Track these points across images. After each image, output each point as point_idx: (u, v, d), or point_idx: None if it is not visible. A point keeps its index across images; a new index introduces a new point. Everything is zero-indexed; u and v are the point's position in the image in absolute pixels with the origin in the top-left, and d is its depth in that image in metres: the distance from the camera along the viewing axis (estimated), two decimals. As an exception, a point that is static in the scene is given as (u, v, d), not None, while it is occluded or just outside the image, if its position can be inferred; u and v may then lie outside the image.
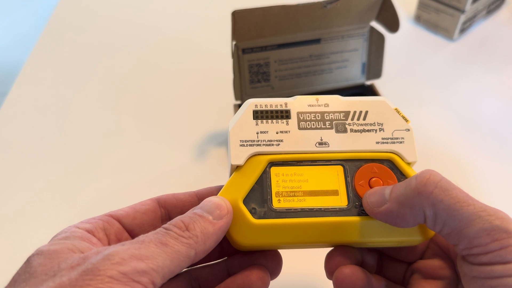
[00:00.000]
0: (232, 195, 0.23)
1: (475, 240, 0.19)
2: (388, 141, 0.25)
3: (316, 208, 0.24)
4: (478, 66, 0.55)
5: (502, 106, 0.50)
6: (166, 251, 0.19)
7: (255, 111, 0.25)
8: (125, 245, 0.19)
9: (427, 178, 0.20)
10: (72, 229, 0.21)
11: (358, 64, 0.46)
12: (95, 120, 0.49)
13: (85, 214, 0.40)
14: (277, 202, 0.24)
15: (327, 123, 0.25)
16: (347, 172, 0.25)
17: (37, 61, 0.57)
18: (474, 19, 0.59)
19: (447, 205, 0.20)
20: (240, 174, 0.24)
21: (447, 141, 0.46)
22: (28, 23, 1.46)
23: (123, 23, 0.63)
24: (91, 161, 0.45)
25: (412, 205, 0.21)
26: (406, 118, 0.26)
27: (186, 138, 0.47)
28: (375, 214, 0.22)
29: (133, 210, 0.24)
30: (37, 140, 0.47)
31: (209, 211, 0.22)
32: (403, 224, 0.22)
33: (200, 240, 0.20)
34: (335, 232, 0.23)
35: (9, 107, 0.51)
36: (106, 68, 0.56)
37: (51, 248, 0.19)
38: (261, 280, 0.23)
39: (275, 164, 0.25)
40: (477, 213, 0.19)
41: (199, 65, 0.56)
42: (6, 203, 0.41)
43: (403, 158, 0.25)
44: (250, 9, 0.37)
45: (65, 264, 0.18)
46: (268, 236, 0.23)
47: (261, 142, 0.25)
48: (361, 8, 0.41)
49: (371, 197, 0.23)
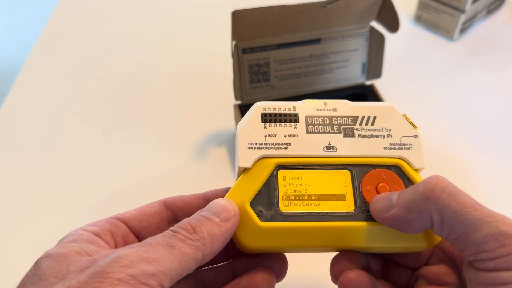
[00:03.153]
0: (239, 198, 0.24)
1: (482, 246, 0.19)
2: (396, 147, 0.25)
3: (323, 213, 0.24)
4: (478, 66, 0.55)
5: (502, 106, 0.50)
6: (173, 254, 0.19)
7: (264, 114, 0.25)
8: (133, 247, 0.19)
9: (435, 183, 0.20)
10: (79, 232, 0.21)
11: (358, 64, 0.46)
12: (95, 120, 0.49)
13: (88, 215, 0.40)
14: (284, 206, 0.24)
15: (335, 128, 0.25)
16: (354, 177, 0.25)
17: (37, 61, 0.57)
18: (474, 19, 0.59)
19: (454, 210, 0.20)
20: (247, 176, 0.24)
21: (447, 141, 0.46)
22: (28, 23, 1.46)
23: (123, 23, 0.63)
24: (91, 161, 0.45)
25: (419, 210, 0.21)
26: (414, 125, 0.26)
27: (186, 138, 0.47)
28: (382, 220, 0.22)
29: (140, 212, 0.24)
30: (38, 140, 0.47)
31: (216, 213, 0.22)
32: (410, 229, 0.22)
33: (207, 242, 0.20)
34: (341, 237, 0.23)
35: (9, 107, 0.51)
36: (106, 68, 0.56)
37: (60, 251, 0.19)
38: (267, 282, 0.23)
39: (282, 167, 0.25)
40: (484, 218, 0.19)
41: (199, 65, 0.56)
42: (6, 203, 0.41)
43: (410, 164, 0.25)
44: (250, 9, 0.37)
45: (74, 267, 0.18)
46: (274, 239, 0.23)
47: (269, 145, 0.25)
48: (361, 8, 0.41)
49: (378, 203, 0.23)
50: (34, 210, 0.41)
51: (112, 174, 0.44)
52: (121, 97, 0.52)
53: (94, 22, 0.63)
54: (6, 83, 0.66)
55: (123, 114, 0.50)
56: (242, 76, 0.42)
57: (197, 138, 0.47)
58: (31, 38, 0.80)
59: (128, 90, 0.53)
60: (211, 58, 0.56)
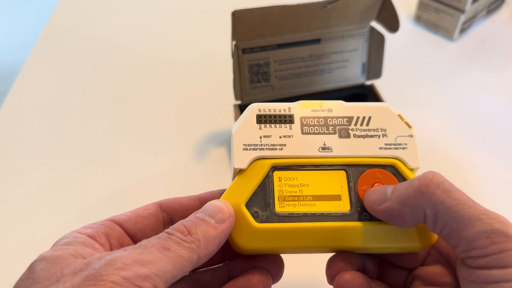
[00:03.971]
0: (235, 199, 0.23)
1: (474, 243, 0.19)
2: (391, 147, 0.25)
3: (318, 213, 0.24)
4: (478, 66, 0.55)
5: (502, 106, 0.50)
6: (168, 256, 0.19)
7: (259, 115, 0.25)
8: (128, 250, 0.19)
9: (430, 179, 0.20)
10: (74, 235, 0.21)
11: (358, 64, 0.46)
12: (95, 120, 0.49)
13: (85, 216, 0.40)
14: (280, 206, 0.24)
15: (330, 128, 0.25)
16: (350, 177, 0.25)
17: (37, 61, 0.57)
18: (474, 19, 0.59)
19: (448, 206, 0.20)
20: (242, 177, 0.24)
21: (447, 141, 0.46)
22: (28, 23, 1.46)
23: (123, 24, 0.63)
24: (91, 161, 0.45)
25: (413, 204, 0.21)
26: (409, 124, 0.26)
27: (186, 138, 0.47)
28: (376, 212, 0.22)
29: (135, 214, 0.24)
30: (37, 140, 0.47)
31: (211, 215, 0.22)
32: (402, 223, 0.22)
33: (202, 244, 0.20)
34: (337, 237, 0.23)
35: (9, 107, 0.51)
36: (106, 68, 0.56)
37: (54, 254, 0.19)
38: (263, 283, 0.23)
39: (278, 168, 0.25)
40: (478, 215, 0.19)
41: (199, 65, 0.56)
42: (5, 204, 0.41)
43: (406, 164, 0.25)
44: (250, 9, 0.37)
45: (68, 269, 0.18)
46: (270, 240, 0.23)
47: (264, 146, 0.25)
48: (361, 8, 0.41)
49: (373, 195, 0.23)
50: (31, 211, 0.41)
51: (112, 174, 0.44)
52: (120, 97, 0.52)
53: (94, 22, 0.63)
54: (6, 83, 0.66)
55: (123, 114, 0.50)
56: (242, 76, 0.42)
57: (197, 138, 0.47)
58: (31, 38, 0.80)
59: (128, 90, 0.53)
60: (211, 58, 0.56)
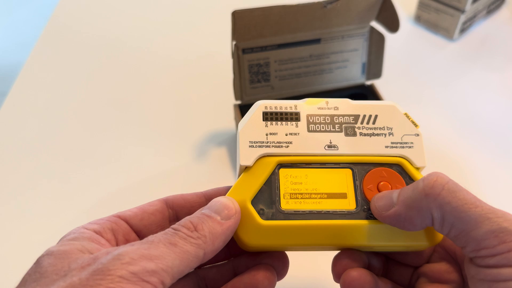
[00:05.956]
0: (240, 196, 0.24)
1: (482, 242, 0.19)
2: (397, 145, 0.25)
3: (324, 211, 0.24)
4: (478, 66, 0.55)
5: (502, 106, 0.50)
6: (175, 251, 0.19)
7: (265, 112, 0.25)
8: (135, 245, 0.19)
9: (434, 180, 0.20)
10: (80, 230, 0.21)
11: (358, 64, 0.46)
12: (95, 120, 0.49)
13: (86, 214, 0.40)
14: (285, 204, 0.24)
15: (337, 126, 0.25)
16: (355, 176, 0.25)
17: (37, 61, 0.57)
18: (474, 19, 0.59)
19: (454, 207, 0.20)
20: (248, 175, 0.24)
21: (447, 141, 0.46)
22: (28, 23, 1.46)
23: (123, 24, 0.63)
24: (90, 161, 0.45)
25: (420, 207, 0.21)
26: (416, 123, 0.26)
27: (186, 138, 0.47)
28: (383, 218, 0.22)
29: (141, 210, 0.24)
30: (38, 140, 0.47)
31: (217, 211, 0.22)
32: (411, 227, 0.22)
33: (208, 240, 0.20)
34: (342, 235, 0.23)
35: (9, 107, 0.51)
36: (106, 68, 0.56)
37: (61, 248, 0.19)
38: (268, 279, 0.23)
39: (284, 165, 0.25)
40: (485, 215, 0.19)
41: (199, 65, 0.56)
42: (7, 203, 0.41)
43: (412, 163, 0.25)
44: (250, 9, 0.37)
45: (75, 264, 0.18)
46: (276, 237, 0.23)
47: (270, 144, 0.25)
48: (361, 8, 0.41)
49: (379, 201, 0.23)
50: (35, 209, 0.41)
51: (113, 174, 0.44)
52: (121, 97, 0.52)
53: (93, 22, 0.63)
54: (6, 83, 0.66)
55: (124, 114, 0.50)
56: (242, 76, 0.42)
57: (197, 138, 0.47)
58: (31, 38, 0.80)
59: (128, 90, 0.53)
60: (211, 58, 0.57)
